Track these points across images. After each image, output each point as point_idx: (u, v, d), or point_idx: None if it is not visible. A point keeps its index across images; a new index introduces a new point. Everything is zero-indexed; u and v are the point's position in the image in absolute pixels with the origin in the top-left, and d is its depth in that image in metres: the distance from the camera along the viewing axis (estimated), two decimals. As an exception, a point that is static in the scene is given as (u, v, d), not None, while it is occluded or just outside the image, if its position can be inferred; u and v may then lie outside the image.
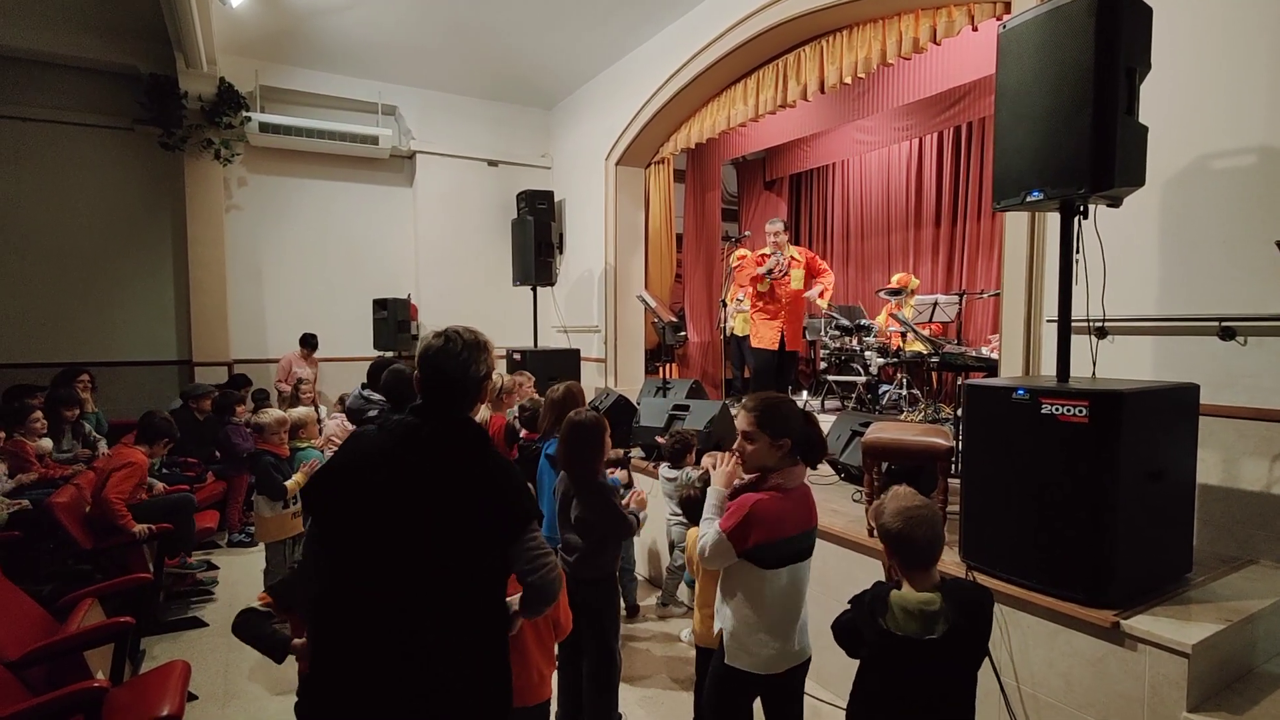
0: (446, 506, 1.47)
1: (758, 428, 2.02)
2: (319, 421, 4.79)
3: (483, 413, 4.16)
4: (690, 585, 3.34)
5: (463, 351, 1.57)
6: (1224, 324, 2.70)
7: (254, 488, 3.86)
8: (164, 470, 4.71)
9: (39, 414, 4.35)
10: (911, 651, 1.62)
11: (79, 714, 2.00)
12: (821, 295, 5.95)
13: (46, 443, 4.43)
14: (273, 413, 4.01)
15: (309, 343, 6.99)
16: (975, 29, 3.90)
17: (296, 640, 1.81)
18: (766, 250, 5.89)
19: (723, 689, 2.11)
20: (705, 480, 2.59)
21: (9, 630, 2.28)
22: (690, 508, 2.79)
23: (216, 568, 4.65)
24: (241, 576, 4.46)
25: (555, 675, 2.78)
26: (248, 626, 1.98)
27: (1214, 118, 2.75)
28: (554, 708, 2.78)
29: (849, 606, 1.80)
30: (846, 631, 1.78)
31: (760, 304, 5.86)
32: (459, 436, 1.54)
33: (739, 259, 6.26)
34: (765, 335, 5.85)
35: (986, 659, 2.31)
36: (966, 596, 1.67)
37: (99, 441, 5.03)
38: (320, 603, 1.50)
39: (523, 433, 4.00)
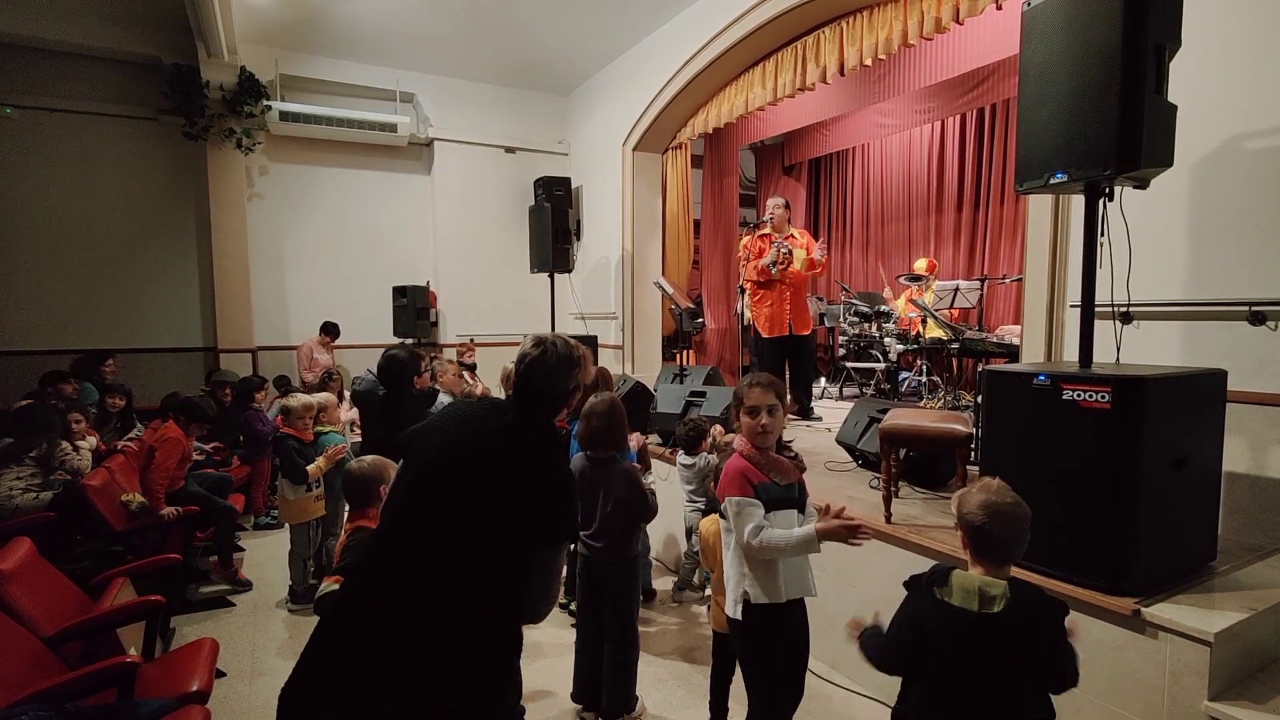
0: (499, 485, 1.52)
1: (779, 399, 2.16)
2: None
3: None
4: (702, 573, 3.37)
5: (557, 365, 1.64)
6: (1254, 308, 2.64)
7: (278, 471, 3.94)
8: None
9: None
10: (967, 627, 1.52)
11: (112, 687, 2.06)
12: (813, 266, 5.66)
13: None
14: (300, 398, 4.06)
15: (330, 330, 7.06)
16: (999, 7, 3.81)
17: None
18: (766, 231, 5.67)
19: None
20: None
21: (46, 607, 2.36)
22: None
23: (243, 549, 4.76)
24: (267, 558, 4.56)
25: (573, 656, 2.83)
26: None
27: (1246, 96, 2.67)
28: (571, 688, 2.83)
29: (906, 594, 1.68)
30: (892, 635, 1.66)
31: (762, 291, 5.63)
32: (537, 432, 1.61)
33: (743, 247, 6.13)
34: (767, 322, 5.63)
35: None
36: (1033, 595, 1.56)
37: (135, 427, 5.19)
38: (370, 548, 1.57)
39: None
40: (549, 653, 3.27)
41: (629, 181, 7.18)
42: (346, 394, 6.08)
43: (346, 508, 2.63)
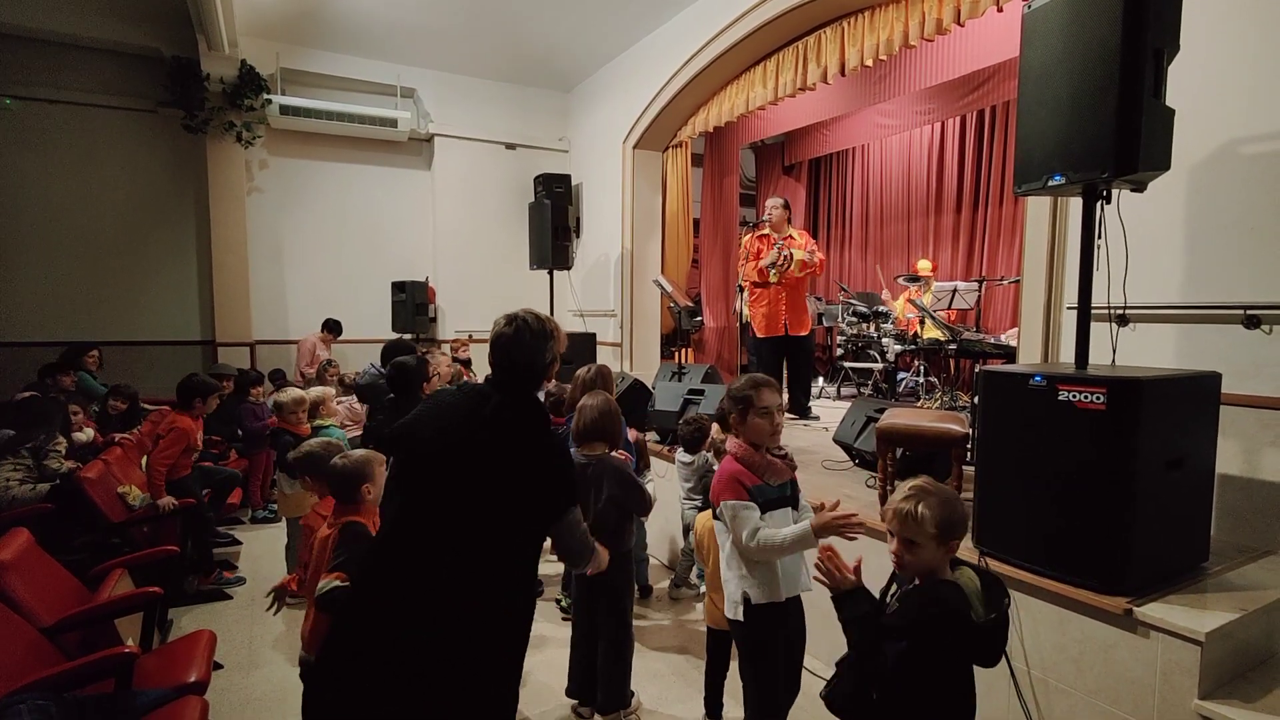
0: (495, 474, 1.54)
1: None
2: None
3: None
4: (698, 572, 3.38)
5: (532, 341, 1.67)
6: (1249, 312, 2.65)
7: (276, 465, 3.95)
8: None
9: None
10: (987, 633, 1.51)
11: (111, 677, 2.07)
12: (808, 268, 5.63)
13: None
14: (291, 392, 4.07)
15: (333, 328, 7.06)
16: (1000, 9, 3.82)
17: None
18: (765, 231, 5.69)
19: None
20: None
21: (44, 597, 2.37)
22: None
23: (240, 543, 4.76)
24: (264, 551, 4.57)
25: (568, 654, 2.84)
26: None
27: (1244, 100, 2.68)
28: (566, 684, 2.84)
29: (905, 635, 1.53)
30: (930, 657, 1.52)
31: (758, 290, 5.62)
32: (521, 412, 1.64)
33: (743, 246, 6.13)
34: (763, 321, 5.64)
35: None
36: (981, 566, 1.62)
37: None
38: (374, 546, 1.59)
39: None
40: (546, 647, 3.28)
41: (629, 179, 7.19)
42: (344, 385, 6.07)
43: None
